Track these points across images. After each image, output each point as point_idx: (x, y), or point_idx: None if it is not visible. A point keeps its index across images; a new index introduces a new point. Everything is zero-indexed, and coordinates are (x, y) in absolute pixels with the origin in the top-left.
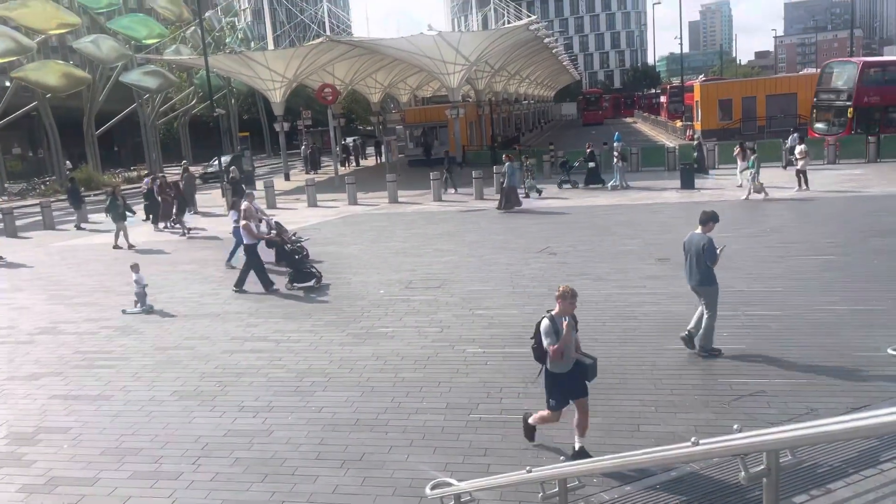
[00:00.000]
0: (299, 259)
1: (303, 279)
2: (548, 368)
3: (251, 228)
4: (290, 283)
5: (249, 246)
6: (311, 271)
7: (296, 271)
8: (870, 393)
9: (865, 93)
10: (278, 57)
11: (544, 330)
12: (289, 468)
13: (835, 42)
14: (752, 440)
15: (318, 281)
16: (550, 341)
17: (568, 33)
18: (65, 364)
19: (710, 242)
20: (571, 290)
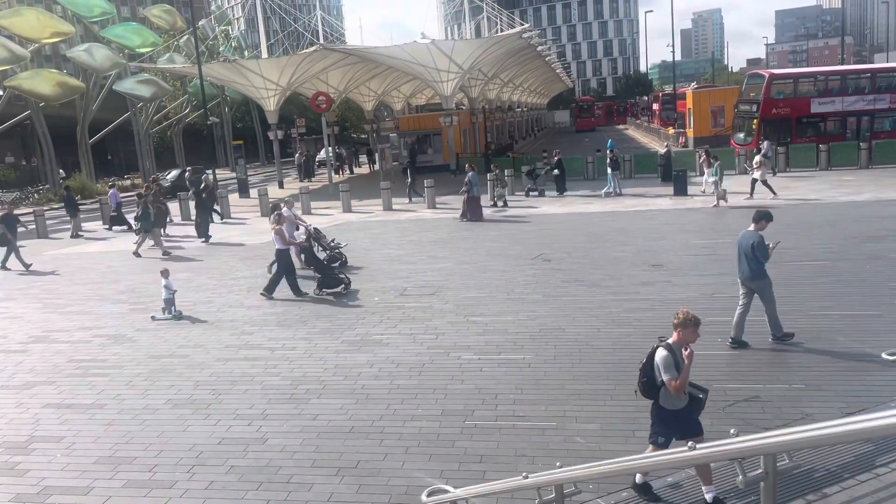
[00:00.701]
0: (328, 264)
1: (331, 285)
2: (661, 405)
3: (283, 233)
4: (319, 289)
5: (282, 251)
6: (339, 277)
7: (324, 277)
8: (864, 397)
9: (773, 104)
10: (272, 65)
11: (663, 363)
12: (284, 476)
13: (826, 49)
14: (749, 444)
15: (347, 287)
16: (671, 376)
17: (561, 41)
18: (58, 373)
19: (760, 240)
20: (694, 316)
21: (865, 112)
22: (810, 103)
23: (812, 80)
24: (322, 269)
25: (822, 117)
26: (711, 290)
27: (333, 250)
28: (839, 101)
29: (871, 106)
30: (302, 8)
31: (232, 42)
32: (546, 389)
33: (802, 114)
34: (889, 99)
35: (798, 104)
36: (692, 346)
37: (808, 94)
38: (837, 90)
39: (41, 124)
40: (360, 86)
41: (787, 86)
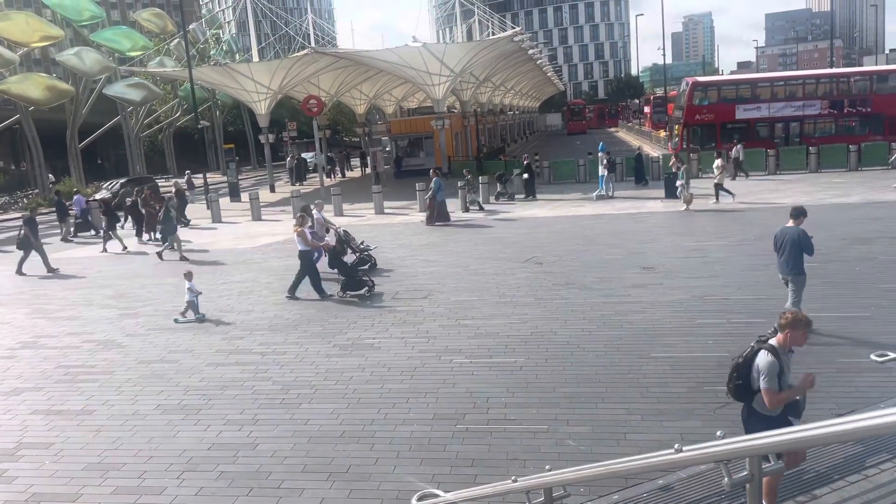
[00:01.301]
0: (352, 266)
1: (355, 287)
2: (755, 409)
3: (306, 235)
4: (343, 291)
5: (304, 253)
6: (363, 280)
7: (348, 279)
8: (853, 399)
9: (696, 111)
10: (263, 69)
11: (767, 369)
12: (274, 481)
13: (815, 52)
14: (734, 446)
15: (371, 290)
16: (771, 386)
17: (552, 44)
18: (47, 379)
19: (805, 234)
20: (805, 316)
21: (795, 118)
22: (735, 109)
23: (736, 88)
24: (346, 271)
25: (748, 123)
26: (703, 292)
27: (363, 253)
28: (766, 108)
29: (801, 112)
30: (293, 11)
31: (223, 45)
32: (537, 392)
33: (727, 120)
34: (819, 105)
35: (722, 110)
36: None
37: (733, 101)
38: (765, 97)
39: (30, 128)
40: (351, 89)
41: (710, 93)
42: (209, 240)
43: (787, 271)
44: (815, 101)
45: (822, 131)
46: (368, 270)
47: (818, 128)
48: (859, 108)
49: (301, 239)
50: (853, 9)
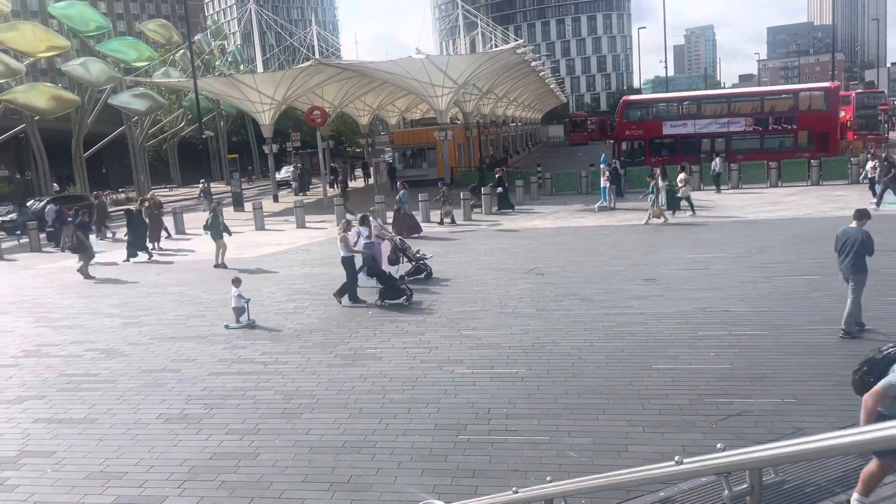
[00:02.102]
0: (390, 275)
1: (394, 296)
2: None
3: (348, 241)
4: (381, 299)
5: (346, 258)
6: (401, 288)
7: (387, 287)
8: (855, 412)
9: (627, 127)
10: (267, 80)
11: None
12: (276, 491)
13: (817, 66)
14: (733, 458)
15: (409, 299)
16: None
17: (555, 57)
18: (49, 387)
19: (868, 235)
20: None
21: (720, 134)
22: (663, 126)
23: (665, 105)
24: (384, 280)
25: (675, 139)
26: (704, 303)
27: (419, 262)
28: (692, 125)
29: (726, 129)
30: (298, 23)
31: (228, 56)
32: (539, 404)
33: (655, 135)
34: (744, 122)
35: (651, 127)
36: None
37: (660, 118)
38: (691, 114)
39: (36, 138)
40: (355, 100)
41: (639, 110)
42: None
43: (850, 270)
44: (739, 119)
45: (748, 148)
46: (424, 280)
47: (743, 144)
48: (785, 125)
49: (343, 244)
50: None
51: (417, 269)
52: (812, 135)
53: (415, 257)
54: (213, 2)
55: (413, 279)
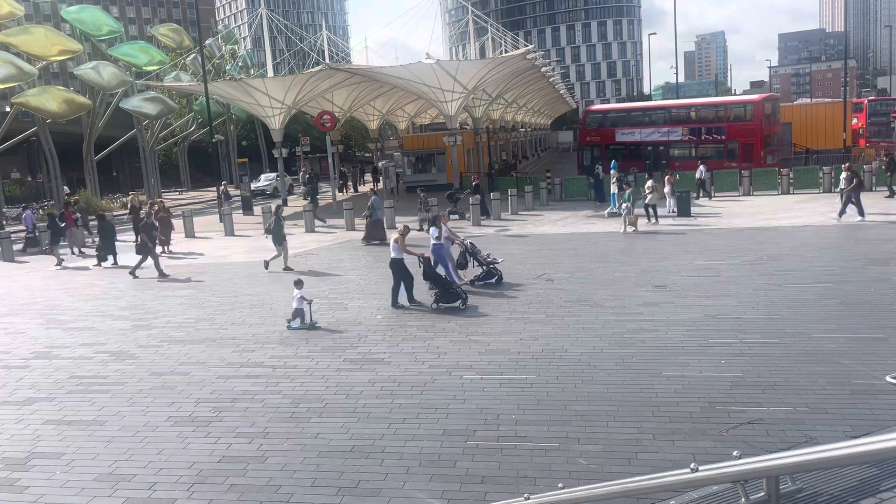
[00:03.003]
0: (446, 279)
1: (448, 300)
2: None
3: (402, 243)
4: (436, 303)
5: (396, 261)
6: (456, 292)
7: (442, 291)
8: (868, 421)
9: (587, 133)
10: (277, 84)
11: None
12: (284, 495)
13: (829, 73)
14: (751, 466)
15: (464, 302)
16: None
17: (565, 62)
18: (59, 389)
19: None
20: None
21: (661, 142)
22: (615, 133)
23: (616, 114)
24: (440, 283)
25: (625, 146)
26: (715, 311)
27: (490, 266)
28: (638, 133)
29: (666, 137)
30: (308, 28)
31: (238, 61)
32: (548, 410)
33: (609, 142)
34: (681, 132)
35: (606, 134)
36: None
37: (613, 126)
38: (637, 123)
39: (47, 141)
40: (364, 105)
41: (597, 118)
42: (223, 252)
43: None
44: (677, 128)
45: (683, 156)
46: (495, 284)
47: (680, 152)
48: (715, 135)
49: (397, 247)
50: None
51: (488, 273)
52: (739, 145)
53: (485, 261)
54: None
55: (483, 283)
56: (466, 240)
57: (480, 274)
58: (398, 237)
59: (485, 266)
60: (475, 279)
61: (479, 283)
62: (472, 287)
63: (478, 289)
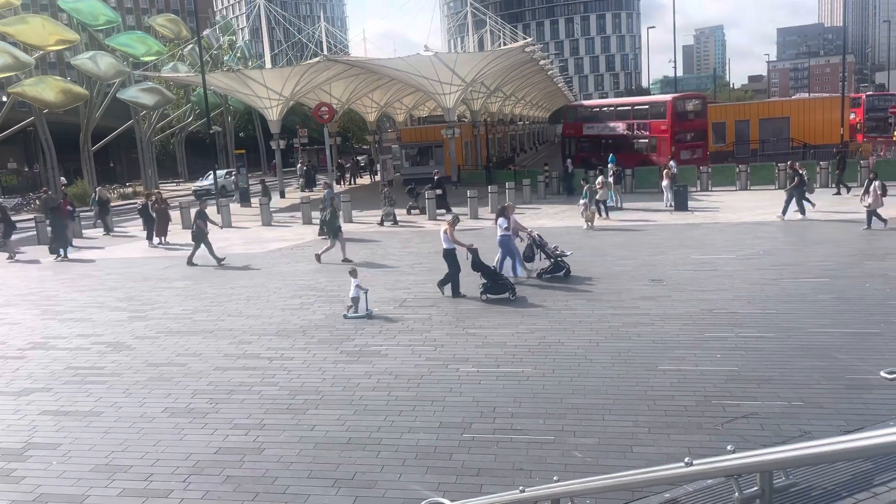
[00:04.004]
0: (495, 270)
1: (497, 291)
2: None
3: (452, 233)
4: (484, 294)
5: (448, 251)
6: (504, 284)
7: (491, 282)
8: (862, 416)
9: (567, 127)
10: (275, 75)
11: None
12: (280, 486)
13: (827, 67)
14: (745, 461)
15: (513, 294)
16: None
17: (563, 55)
18: (56, 379)
19: None
20: None
21: (610, 137)
22: (583, 128)
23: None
24: (488, 274)
25: (589, 139)
26: (711, 305)
27: (558, 258)
28: (597, 127)
29: (613, 132)
30: (306, 19)
31: (236, 52)
32: (544, 403)
33: (580, 135)
34: (623, 127)
35: (578, 128)
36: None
37: (583, 121)
38: (596, 118)
39: (44, 131)
40: (362, 97)
41: (572, 113)
42: (221, 244)
43: None
44: (621, 124)
45: (625, 149)
46: (563, 278)
47: (624, 146)
48: (643, 131)
49: (447, 237)
50: (866, 24)
51: (556, 266)
52: (657, 141)
53: (553, 254)
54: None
55: (551, 277)
56: (534, 231)
57: (548, 267)
58: (447, 227)
59: (552, 259)
60: (542, 272)
61: (546, 276)
62: (539, 280)
63: (546, 282)
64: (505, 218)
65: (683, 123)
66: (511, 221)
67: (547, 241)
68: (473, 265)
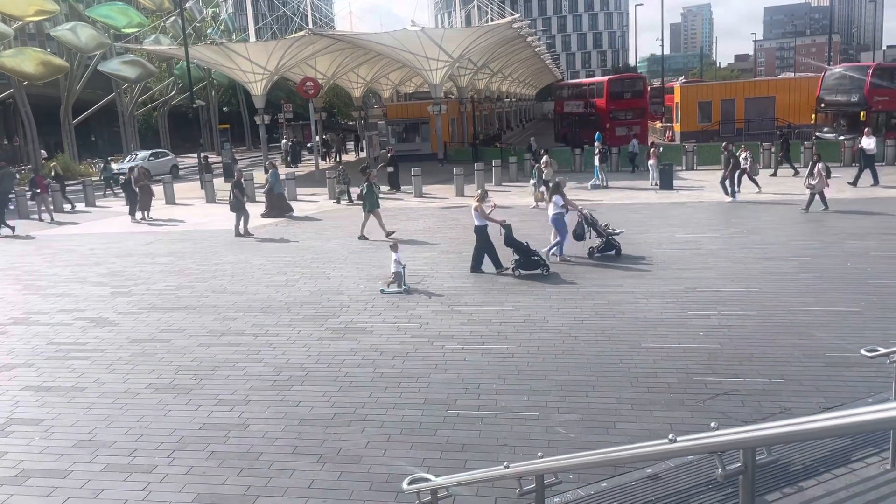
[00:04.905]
0: (527, 247)
1: (529, 267)
2: None
3: (483, 210)
4: (516, 269)
5: (479, 228)
6: (537, 260)
7: (524, 258)
8: (842, 393)
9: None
10: (260, 49)
11: None
12: (265, 462)
13: (813, 47)
14: (729, 437)
15: (547, 270)
16: None
17: (551, 32)
18: (38, 355)
19: None
20: None
21: (577, 114)
22: (564, 105)
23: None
24: (521, 251)
25: (566, 117)
26: (695, 283)
27: (609, 237)
28: (568, 105)
29: (578, 109)
30: None
31: (219, 24)
32: (528, 380)
33: (561, 112)
34: (582, 105)
35: (561, 105)
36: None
37: (562, 99)
38: (568, 96)
39: (24, 103)
40: (348, 72)
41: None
42: (204, 220)
43: None
44: (581, 102)
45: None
46: (615, 257)
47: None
48: (591, 108)
49: (478, 214)
50: (852, 4)
51: (608, 244)
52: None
53: (605, 232)
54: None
55: (602, 256)
56: (585, 209)
57: (599, 245)
58: (477, 204)
59: (604, 237)
60: (593, 250)
61: (598, 254)
62: (590, 259)
63: (597, 261)
64: (560, 195)
65: (619, 102)
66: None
67: (598, 220)
68: (506, 241)
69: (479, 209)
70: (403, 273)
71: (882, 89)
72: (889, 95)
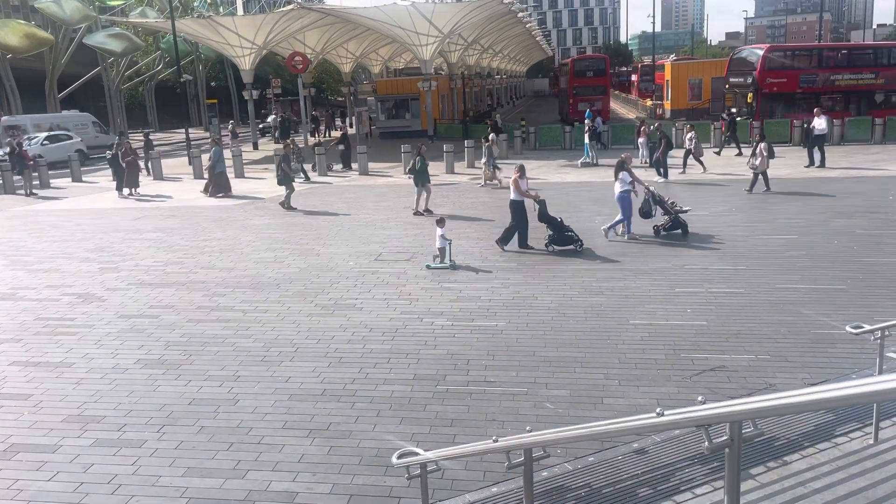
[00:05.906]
0: (561, 222)
1: (563, 242)
2: None
3: (519, 185)
4: (549, 245)
5: (515, 202)
6: (570, 236)
7: (558, 233)
8: (826, 369)
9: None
10: (248, 23)
11: None
12: (255, 437)
13: (804, 25)
14: (716, 411)
15: (581, 245)
16: None
17: (542, 9)
18: (25, 330)
19: None
20: None
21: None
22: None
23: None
24: (555, 226)
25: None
26: (683, 261)
27: (677, 214)
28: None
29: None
30: None
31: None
32: (517, 356)
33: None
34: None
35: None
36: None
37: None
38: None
39: (8, 77)
40: (337, 47)
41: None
42: (192, 195)
43: None
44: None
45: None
46: (681, 236)
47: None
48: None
49: (514, 188)
50: None
51: (675, 222)
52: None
53: (672, 210)
54: None
55: (668, 234)
56: (651, 186)
57: (665, 223)
58: (515, 177)
59: (671, 214)
60: (659, 228)
61: (664, 232)
62: (656, 237)
63: (663, 240)
64: (627, 171)
65: (581, 80)
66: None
67: (665, 197)
68: (540, 216)
69: (516, 183)
70: (449, 249)
71: (775, 71)
72: (782, 77)
